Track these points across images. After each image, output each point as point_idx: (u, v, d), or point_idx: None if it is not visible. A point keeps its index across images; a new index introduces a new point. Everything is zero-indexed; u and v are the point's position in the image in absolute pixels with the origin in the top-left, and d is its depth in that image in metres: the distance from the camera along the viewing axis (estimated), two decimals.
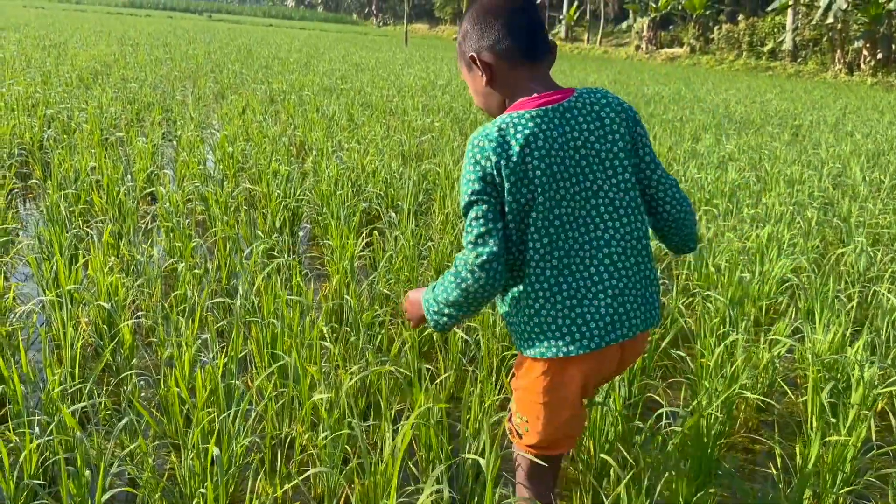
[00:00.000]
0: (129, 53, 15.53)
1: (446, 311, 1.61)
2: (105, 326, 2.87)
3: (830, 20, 27.97)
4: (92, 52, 14.52)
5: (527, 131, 1.51)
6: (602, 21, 48.17)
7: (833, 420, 2.51)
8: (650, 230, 1.72)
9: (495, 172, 1.50)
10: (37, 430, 2.23)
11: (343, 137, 7.19)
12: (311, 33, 43.77)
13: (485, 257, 1.50)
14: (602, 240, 1.57)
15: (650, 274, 1.65)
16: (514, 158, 1.49)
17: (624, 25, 45.28)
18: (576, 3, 49.63)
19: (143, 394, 2.65)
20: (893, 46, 27.92)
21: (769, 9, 32.73)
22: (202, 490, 2.00)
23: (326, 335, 2.82)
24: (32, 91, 8.27)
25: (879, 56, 27.98)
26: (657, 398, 2.92)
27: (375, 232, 4.07)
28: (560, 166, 1.53)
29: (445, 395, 2.36)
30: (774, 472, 2.51)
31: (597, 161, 1.57)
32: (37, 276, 3.33)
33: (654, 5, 39.22)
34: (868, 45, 28.16)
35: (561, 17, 51.21)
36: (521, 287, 1.59)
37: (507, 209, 1.52)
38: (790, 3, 31.03)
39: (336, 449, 2.10)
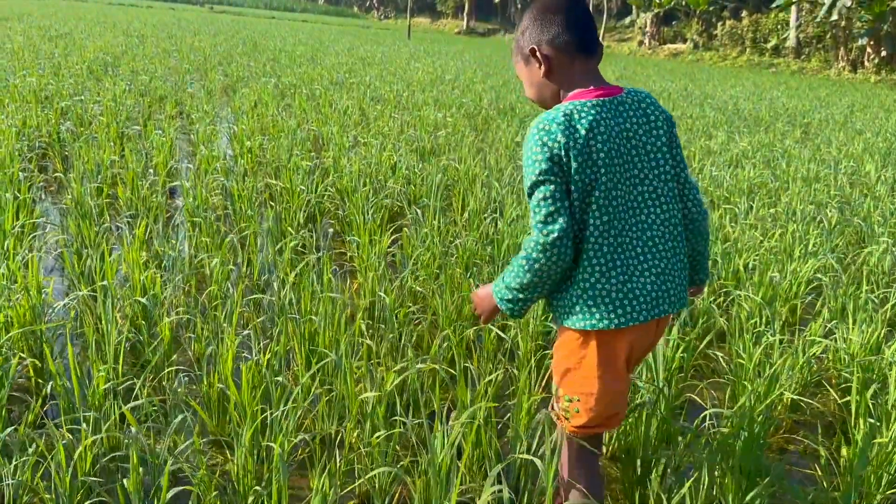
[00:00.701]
0: (136, 45, 15.49)
1: (521, 295, 1.70)
2: (143, 322, 2.86)
3: (835, 17, 27.91)
4: (98, 44, 14.47)
5: (591, 117, 1.63)
6: (605, 16, 48.03)
7: (874, 421, 2.52)
8: None
9: (563, 153, 1.60)
10: (84, 426, 2.24)
11: (358, 132, 7.18)
12: (314, 26, 43.65)
13: (556, 234, 1.60)
14: (645, 223, 1.70)
15: (683, 258, 1.78)
16: (581, 141, 1.61)
17: (627, 20, 45.18)
18: None
19: (182, 389, 2.65)
20: None
21: (773, 5, 32.64)
22: (257, 488, 2.01)
23: (365, 332, 2.82)
24: (45, 83, 8.25)
25: (883, 54, 27.92)
26: (695, 398, 2.92)
27: (405, 229, 4.05)
28: (616, 152, 1.65)
29: (493, 392, 2.37)
30: (818, 472, 2.52)
31: (643, 152, 1.71)
32: (69, 270, 3.32)
33: (657, 1, 39.12)
34: (872, 43, 28.11)
35: None
36: (576, 262, 1.68)
37: (573, 188, 1.62)
38: None
39: (389, 447, 2.10)
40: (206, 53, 15.16)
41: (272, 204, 4.45)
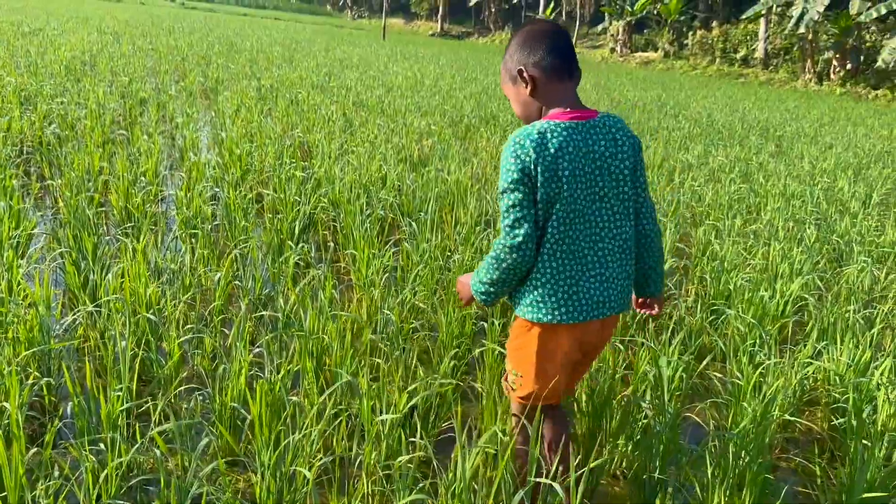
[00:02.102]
0: (111, 43, 15.28)
1: (491, 289, 1.95)
2: (151, 338, 2.86)
3: (802, 30, 28.52)
4: (73, 41, 14.25)
5: (561, 138, 1.84)
6: (577, 22, 48.43)
7: (868, 443, 2.62)
8: None
9: (533, 167, 1.81)
10: (102, 447, 2.25)
11: (344, 139, 7.19)
12: (288, 24, 43.37)
13: (521, 239, 1.83)
14: (598, 236, 1.92)
15: (630, 270, 2.01)
16: (549, 158, 1.82)
17: (599, 28, 45.60)
18: (552, 4, 49.90)
19: (187, 407, 2.66)
20: (862, 58, 28.59)
21: (742, 17, 33.24)
22: None
23: (377, 350, 2.86)
24: (24, 83, 8.12)
25: (848, 66, 28.61)
26: (694, 417, 3.01)
27: (404, 244, 4.09)
28: (580, 171, 1.86)
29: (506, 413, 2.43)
30: (812, 491, 2.62)
31: (607, 173, 1.91)
32: (71, 284, 3.31)
33: (629, 9, 39.57)
34: (838, 56, 28.78)
35: (537, 16, 51.42)
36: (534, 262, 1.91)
37: (538, 198, 1.83)
38: (763, 11, 31.57)
39: (409, 470, 2.14)
40: (184, 53, 15.00)
41: (269, 215, 4.46)
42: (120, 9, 37.22)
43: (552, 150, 1.81)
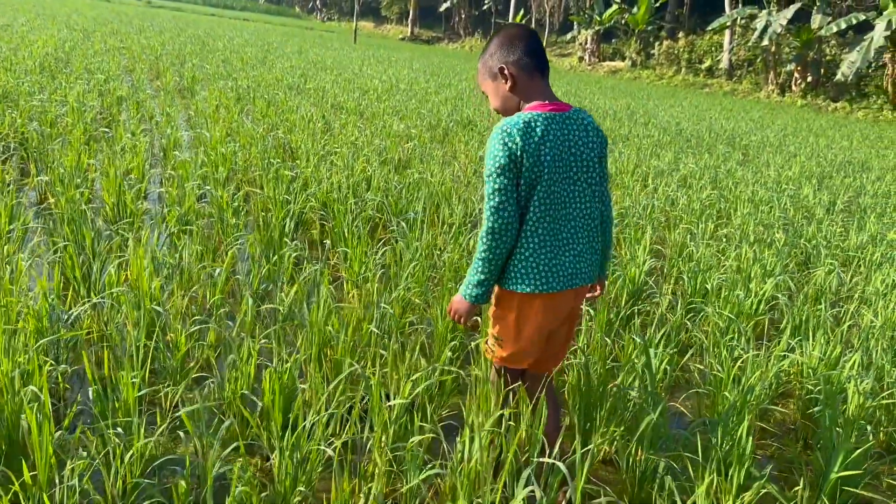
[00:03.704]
0: (82, 41, 15.13)
1: (486, 283, 2.13)
2: (157, 329, 2.94)
3: (765, 42, 29.26)
4: (44, 38, 14.08)
5: (543, 127, 2.07)
6: (546, 31, 48.99)
7: (840, 430, 2.81)
8: None
9: (519, 153, 2.02)
10: (120, 430, 2.33)
11: (325, 141, 7.28)
12: (257, 26, 43.13)
13: (505, 219, 2.03)
14: (571, 215, 2.15)
15: (596, 246, 2.27)
16: (533, 145, 2.03)
17: (568, 36, 46.18)
18: (521, 11, 50.38)
19: (200, 393, 2.75)
20: (822, 70, 29.42)
21: (708, 28, 33.98)
22: (301, 488, 2.14)
23: (376, 342, 2.97)
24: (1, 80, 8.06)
25: (809, 79, 29.42)
26: (679, 406, 3.18)
27: (399, 242, 4.20)
28: (559, 156, 2.08)
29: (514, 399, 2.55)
30: (790, 475, 2.80)
31: (579, 159, 2.14)
32: (72, 277, 3.36)
33: (598, 18, 40.15)
34: (799, 68, 29.58)
35: (507, 23, 51.79)
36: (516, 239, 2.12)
37: (522, 181, 2.05)
38: (728, 23, 32.31)
39: (420, 452, 2.27)
40: (157, 53, 14.92)
41: (261, 213, 4.54)
42: (86, 6, 36.67)
43: (536, 138, 2.03)
